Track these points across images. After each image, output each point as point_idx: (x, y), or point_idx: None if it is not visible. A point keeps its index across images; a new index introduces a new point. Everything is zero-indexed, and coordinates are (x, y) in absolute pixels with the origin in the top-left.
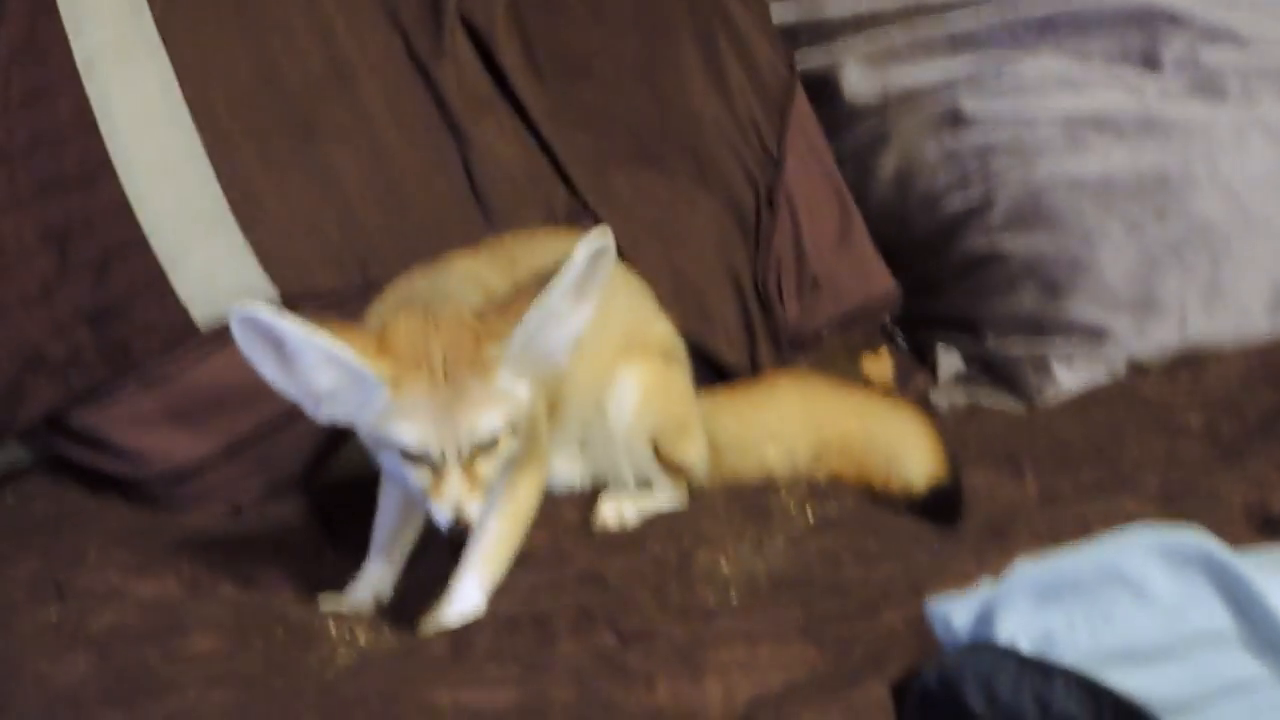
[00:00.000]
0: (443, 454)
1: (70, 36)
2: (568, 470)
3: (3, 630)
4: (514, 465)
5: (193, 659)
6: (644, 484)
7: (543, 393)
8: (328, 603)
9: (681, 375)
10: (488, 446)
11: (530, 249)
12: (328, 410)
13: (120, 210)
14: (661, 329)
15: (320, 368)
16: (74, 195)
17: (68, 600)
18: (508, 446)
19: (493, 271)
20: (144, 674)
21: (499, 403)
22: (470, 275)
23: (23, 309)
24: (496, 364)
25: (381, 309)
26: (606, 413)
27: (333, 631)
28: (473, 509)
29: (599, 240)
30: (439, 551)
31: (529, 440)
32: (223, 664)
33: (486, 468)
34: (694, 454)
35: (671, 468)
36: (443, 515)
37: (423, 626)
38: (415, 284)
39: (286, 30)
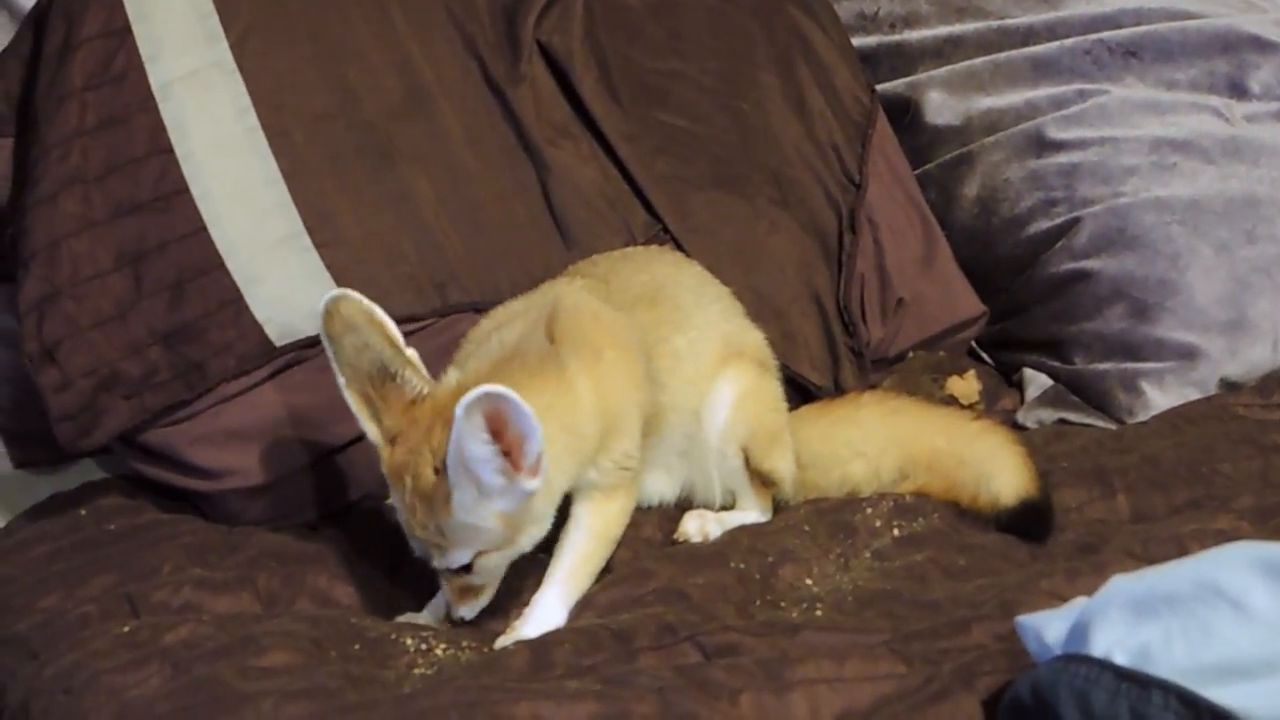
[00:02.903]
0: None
1: (146, 62)
2: (659, 485)
3: (77, 644)
4: (597, 489)
5: (267, 673)
6: (730, 500)
7: (638, 418)
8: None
9: (774, 386)
10: (466, 568)
11: (620, 269)
12: None
13: (196, 232)
14: (754, 339)
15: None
16: (149, 218)
17: (142, 615)
18: (494, 560)
19: (588, 295)
20: (218, 688)
21: (463, 539)
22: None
23: (98, 329)
24: (449, 500)
25: (468, 346)
26: (703, 421)
27: (410, 645)
28: (464, 612)
29: (477, 394)
30: (519, 568)
31: (621, 469)
32: (298, 678)
33: (475, 579)
34: (784, 465)
35: (760, 478)
36: (447, 606)
37: (503, 641)
38: (512, 309)
39: (363, 58)
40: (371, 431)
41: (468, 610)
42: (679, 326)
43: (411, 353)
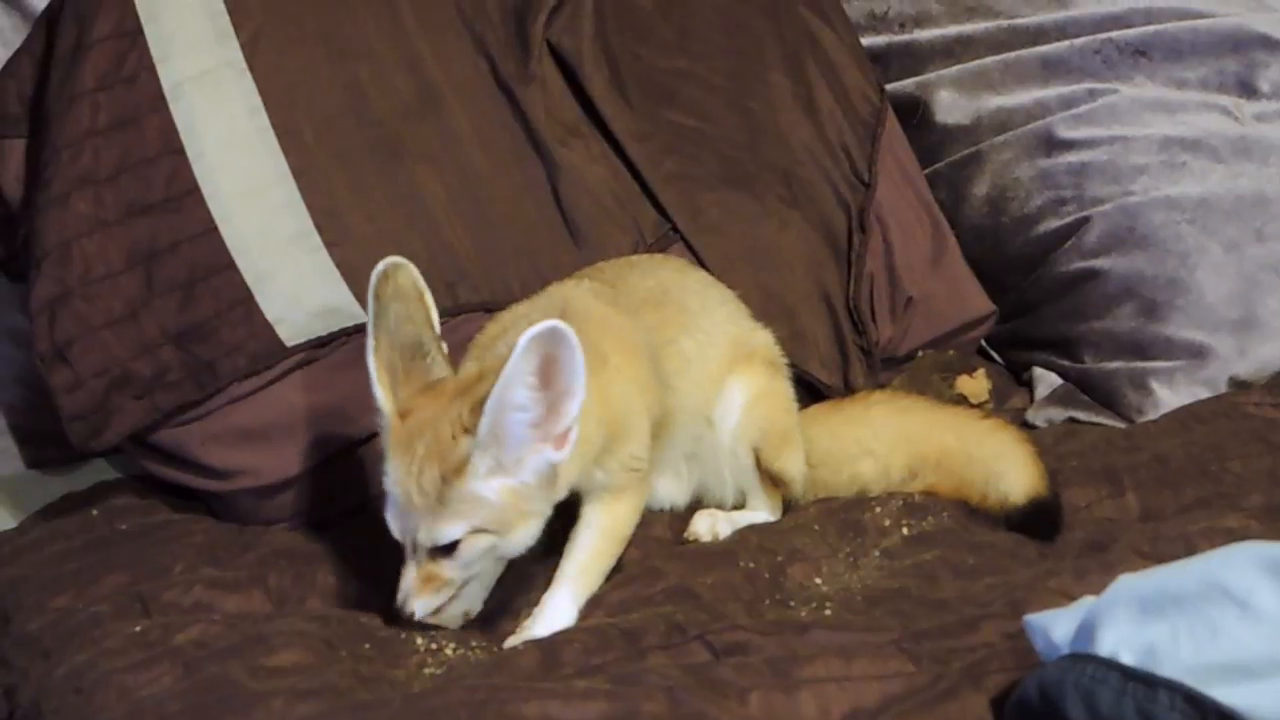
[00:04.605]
0: (404, 544)
1: (157, 63)
2: (669, 490)
3: (88, 644)
4: (606, 490)
5: (278, 673)
6: (741, 500)
7: (646, 421)
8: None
9: (785, 386)
10: (449, 550)
11: (626, 274)
12: None
13: (207, 232)
14: (763, 339)
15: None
16: (161, 218)
17: (153, 614)
18: (482, 544)
19: (594, 299)
20: (228, 688)
21: (463, 511)
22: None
23: (110, 329)
24: (467, 462)
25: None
26: (715, 424)
27: (420, 645)
28: (419, 606)
29: (545, 327)
30: (527, 570)
31: (629, 470)
32: (308, 678)
33: (448, 569)
34: (794, 465)
35: (771, 479)
36: (398, 597)
37: (512, 640)
38: (517, 313)
39: (373, 57)
40: (386, 401)
41: (422, 605)
42: (686, 329)
43: (443, 343)
